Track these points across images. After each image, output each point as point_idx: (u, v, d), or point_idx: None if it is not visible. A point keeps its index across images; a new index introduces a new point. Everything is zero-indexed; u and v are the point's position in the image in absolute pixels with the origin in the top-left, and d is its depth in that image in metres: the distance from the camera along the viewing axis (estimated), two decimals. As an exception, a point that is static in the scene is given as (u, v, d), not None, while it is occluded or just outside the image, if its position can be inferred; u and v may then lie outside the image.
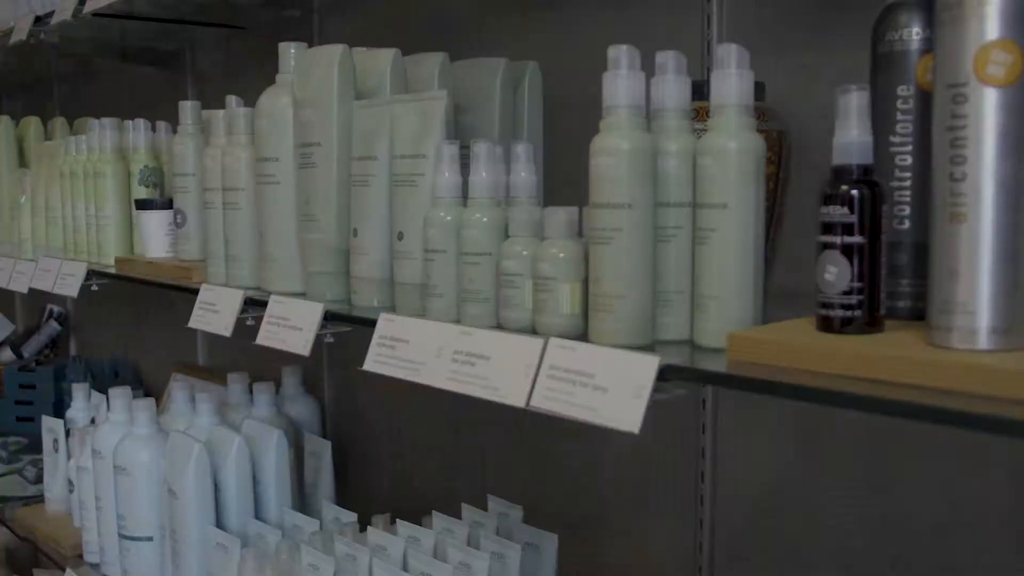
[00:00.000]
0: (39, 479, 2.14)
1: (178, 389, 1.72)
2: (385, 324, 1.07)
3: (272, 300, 1.25)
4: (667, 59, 0.90)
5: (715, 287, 0.87)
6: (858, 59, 1.00)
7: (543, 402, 0.88)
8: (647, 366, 0.81)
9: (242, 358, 2.10)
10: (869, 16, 0.90)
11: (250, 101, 1.46)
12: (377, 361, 1.06)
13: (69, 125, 2.25)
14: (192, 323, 1.38)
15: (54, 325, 2.93)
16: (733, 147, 0.86)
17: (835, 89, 0.79)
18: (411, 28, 1.71)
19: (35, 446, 2.40)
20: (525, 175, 1.03)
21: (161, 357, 2.59)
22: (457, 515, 1.39)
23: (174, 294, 1.55)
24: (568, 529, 1.35)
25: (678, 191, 0.89)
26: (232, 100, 1.48)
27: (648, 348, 0.88)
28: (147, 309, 2.58)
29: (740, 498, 1.30)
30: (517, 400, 0.90)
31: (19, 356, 2.90)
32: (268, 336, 1.23)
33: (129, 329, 2.74)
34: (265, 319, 1.24)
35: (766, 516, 1.28)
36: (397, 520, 1.36)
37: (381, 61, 1.22)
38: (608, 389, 0.84)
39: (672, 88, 0.90)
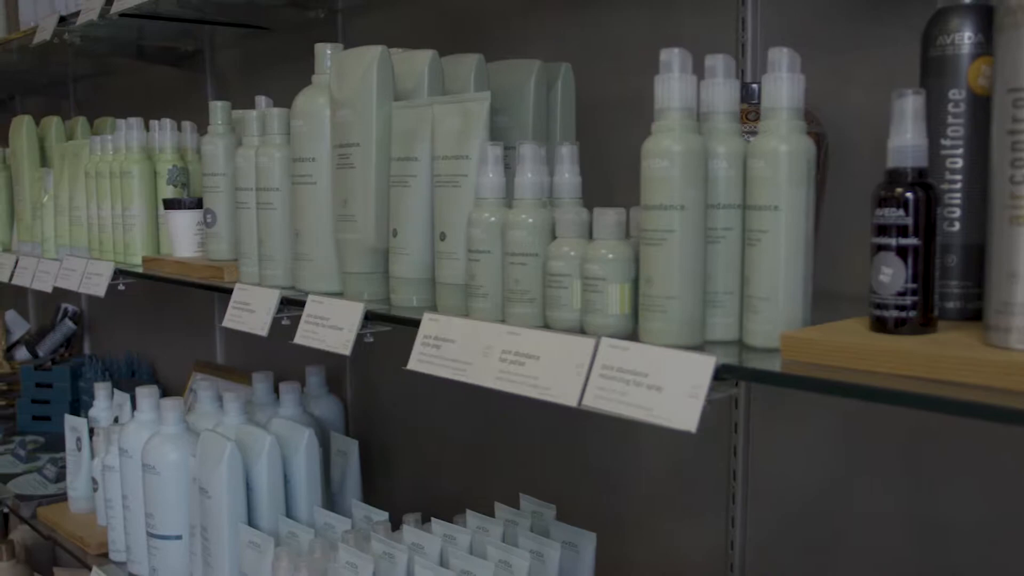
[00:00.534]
0: (59, 478, 2.14)
1: (204, 388, 1.72)
2: (429, 324, 1.08)
3: (310, 300, 1.26)
4: (716, 62, 0.91)
5: (766, 288, 0.88)
6: (891, 62, 1.01)
7: (595, 401, 0.89)
8: (703, 366, 0.82)
9: (260, 357, 2.11)
10: (902, 19, 0.90)
11: (270, 101, 1.47)
12: (421, 360, 1.07)
13: (90, 124, 2.26)
14: (226, 323, 1.39)
15: (69, 324, 2.93)
16: (784, 150, 0.87)
17: (892, 92, 0.80)
18: (435, 29, 1.72)
19: (52, 445, 2.41)
20: (569, 176, 1.04)
21: (176, 356, 2.59)
22: (482, 515, 1.39)
23: (190, 293, 1.55)
24: (598, 527, 1.36)
25: (728, 193, 0.90)
26: (262, 100, 1.49)
27: (698, 348, 0.89)
28: (162, 308, 2.58)
29: (772, 497, 1.31)
30: (569, 400, 0.91)
31: (35, 355, 2.90)
32: (306, 336, 1.23)
33: (143, 328, 2.74)
34: (303, 319, 1.25)
35: (798, 515, 1.29)
36: (432, 518, 1.36)
37: (418, 62, 1.23)
38: (663, 388, 0.84)
39: (722, 91, 0.91)
